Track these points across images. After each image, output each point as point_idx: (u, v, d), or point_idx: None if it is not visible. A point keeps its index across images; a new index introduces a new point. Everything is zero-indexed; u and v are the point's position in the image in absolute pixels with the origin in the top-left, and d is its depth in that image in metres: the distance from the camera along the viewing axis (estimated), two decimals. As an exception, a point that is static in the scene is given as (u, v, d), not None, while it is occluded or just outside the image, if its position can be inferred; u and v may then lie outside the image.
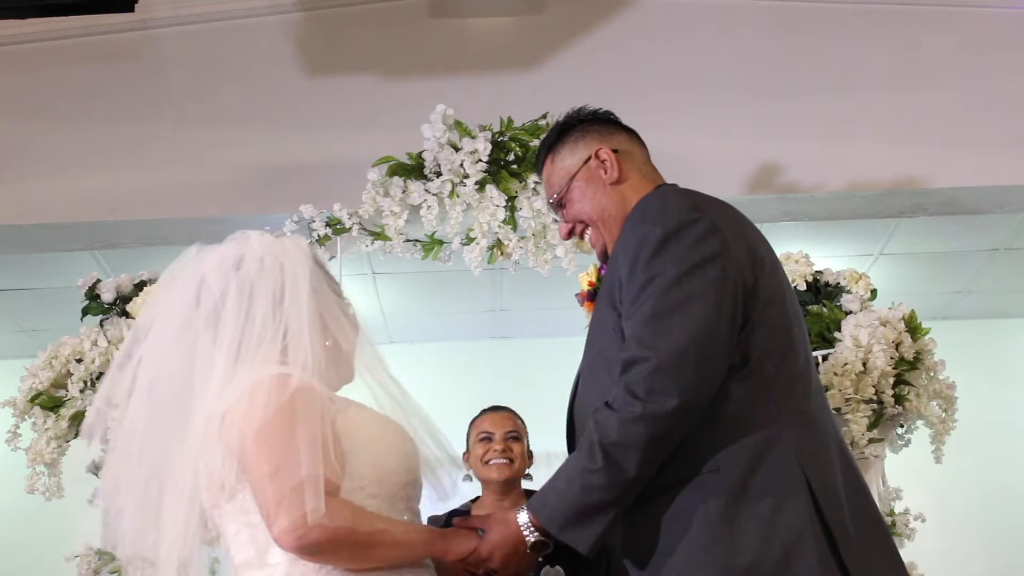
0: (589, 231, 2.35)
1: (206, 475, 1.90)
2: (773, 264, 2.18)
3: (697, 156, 4.13)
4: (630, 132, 2.39)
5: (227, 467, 1.88)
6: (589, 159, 2.31)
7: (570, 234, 2.38)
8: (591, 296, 3.71)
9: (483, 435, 3.45)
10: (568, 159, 2.33)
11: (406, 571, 1.95)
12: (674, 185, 2.31)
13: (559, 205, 2.37)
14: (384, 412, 2.07)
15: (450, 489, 2.14)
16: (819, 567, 1.93)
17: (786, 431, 2.01)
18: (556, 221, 3.69)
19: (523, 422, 3.53)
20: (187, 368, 1.97)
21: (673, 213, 2.09)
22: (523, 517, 2.02)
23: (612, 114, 2.41)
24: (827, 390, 3.61)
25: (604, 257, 2.34)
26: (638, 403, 1.93)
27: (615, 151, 2.31)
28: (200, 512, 1.93)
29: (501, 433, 3.43)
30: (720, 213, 2.14)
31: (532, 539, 2.02)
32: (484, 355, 6.49)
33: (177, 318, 2.01)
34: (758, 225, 2.26)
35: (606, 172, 2.29)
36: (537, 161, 2.43)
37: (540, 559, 2.62)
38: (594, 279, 3.75)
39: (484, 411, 3.57)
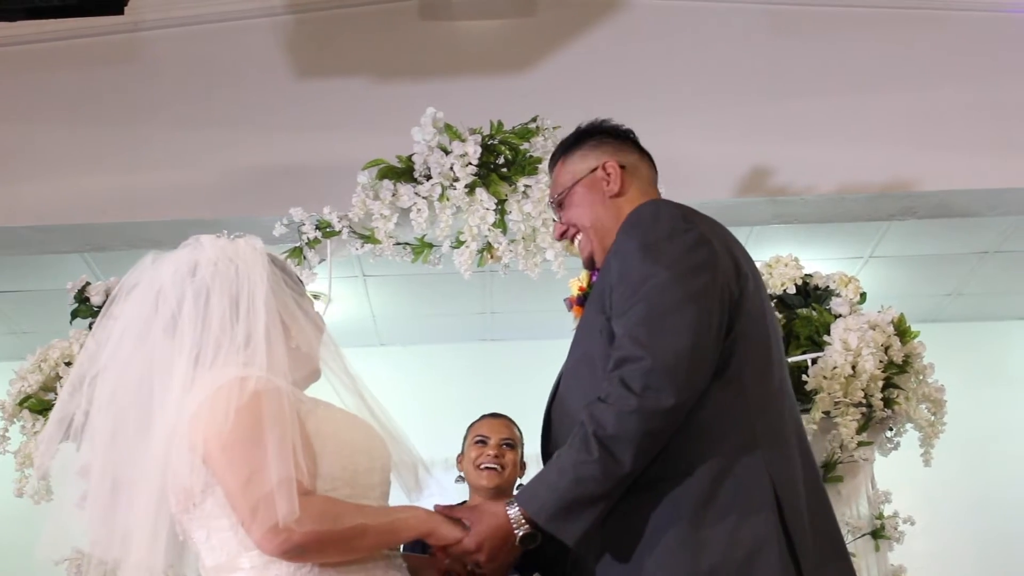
0: (580, 236, 2.40)
1: (173, 481, 1.89)
2: (756, 282, 2.22)
3: (688, 159, 4.13)
4: (643, 153, 2.46)
5: (194, 473, 1.86)
6: (596, 169, 2.37)
7: (563, 236, 2.44)
8: (580, 301, 3.71)
9: (479, 438, 3.43)
10: (579, 164, 2.40)
11: (378, 570, 1.94)
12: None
13: (559, 205, 2.43)
14: (351, 411, 2.07)
15: (413, 486, 2.11)
16: (781, 573, 1.96)
17: (758, 441, 2.05)
18: (554, 220, 3.72)
19: (521, 433, 3.52)
20: (147, 378, 1.95)
21: (666, 221, 2.15)
22: (513, 510, 2.02)
23: (632, 133, 2.47)
24: (816, 393, 3.62)
25: (589, 264, 2.40)
26: (633, 397, 1.96)
27: (623, 166, 2.37)
28: (169, 520, 1.91)
29: (497, 438, 3.42)
30: (709, 227, 2.19)
31: (521, 532, 2.02)
32: (474, 358, 6.48)
33: (135, 329, 1.99)
34: (748, 228, 2.29)
35: (608, 184, 2.36)
36: (551, 159, 2.50)
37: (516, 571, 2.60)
38: (585, 284, 3.74)
39: (484, 416, 3.55)
